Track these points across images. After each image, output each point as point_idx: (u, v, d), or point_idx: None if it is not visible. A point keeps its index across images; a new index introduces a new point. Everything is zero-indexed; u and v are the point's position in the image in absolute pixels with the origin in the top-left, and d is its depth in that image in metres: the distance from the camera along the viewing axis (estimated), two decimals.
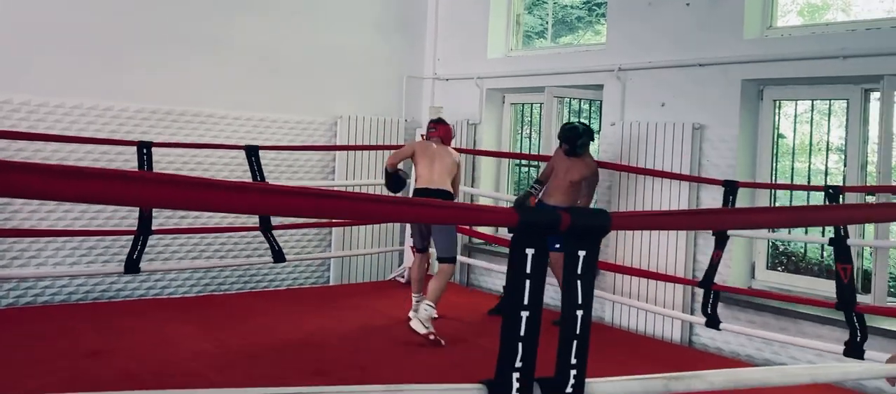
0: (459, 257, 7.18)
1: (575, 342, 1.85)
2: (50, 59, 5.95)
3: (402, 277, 7.18)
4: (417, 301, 5.72)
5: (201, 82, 6.62)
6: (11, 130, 5.66)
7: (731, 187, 5.26)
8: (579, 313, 1.88)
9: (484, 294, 7.04)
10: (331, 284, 7.30)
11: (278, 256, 6.21)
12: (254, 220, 6.17)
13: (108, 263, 6.14)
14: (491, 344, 5.31)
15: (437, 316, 5.36)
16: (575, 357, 1.88)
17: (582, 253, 1.91)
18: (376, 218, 1.85)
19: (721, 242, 5.18)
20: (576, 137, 5.66)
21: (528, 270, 1.82)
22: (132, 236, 5.60)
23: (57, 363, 4.46)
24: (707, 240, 5.46)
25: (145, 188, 1.50)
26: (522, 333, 1.78)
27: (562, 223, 1.86)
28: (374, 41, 7.65)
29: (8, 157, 5.78)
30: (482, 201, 7.46)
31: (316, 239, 7.28)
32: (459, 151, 7.29)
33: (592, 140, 5.81)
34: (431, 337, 5.16)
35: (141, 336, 5.10)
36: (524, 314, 1.79)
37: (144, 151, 5.67)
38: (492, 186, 7.49)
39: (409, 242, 7.04)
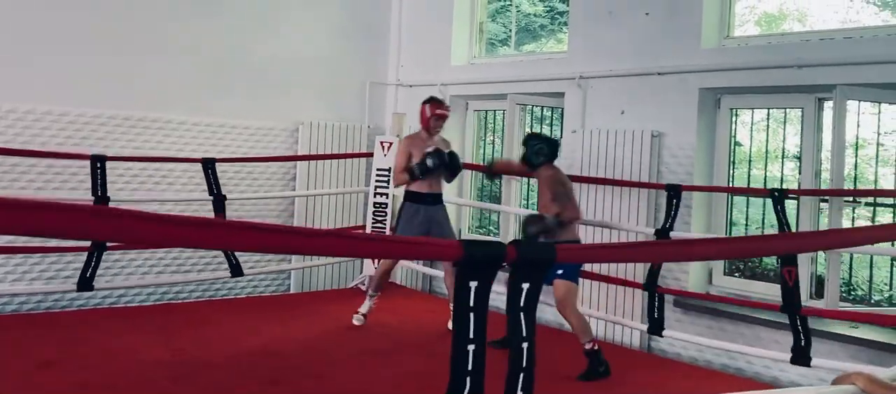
0: (421, 266, 7.17)
1: (522, 375, 1.86)
2: (4, 63, 5.82)
3: (363, 283, 7.14)
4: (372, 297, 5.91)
5: (159, 87, 6.53)
6: None
7: (674, 191, 5.33)
8: (524, 345, 1.88)
9: (445, 301, 7.02)
10: (292, 291, 7.25)
11: (236, 269, 6.15)
12: None
13: (63, 272, 6.03)
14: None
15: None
16: (522, 390, 1.88)
17: (526, 285, 1.91)
18: (330, 253, 1.83)
19: None
20: (526, 149, 5.23)
21: (472, 303, 1.82)
22: (86, 253, 5.51)
23: (8, 374, 4.37)
24: None
25: (101, 223, 1.47)
26: (470, 367, 1.78)
27: (507, 256, 1.86)
28: (337, 47, 7.61)
29: None
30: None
31: None
32: None
33: (545, 149, 5.15)
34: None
35: (95, 346, 5.02)
36: (470, 348, 1.79)
37: (98, 164, 5.59)
38: (455, 193, 7.48)
39: None
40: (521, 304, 1.89)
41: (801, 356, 4.48)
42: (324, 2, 7.55)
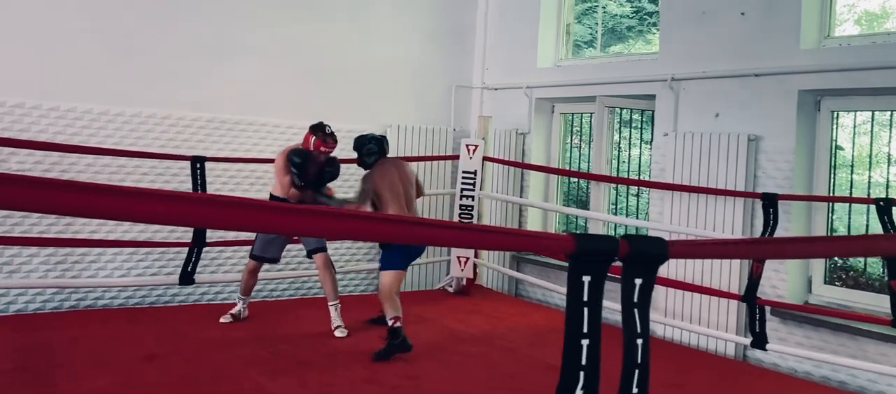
0: (507, 269, 7.18)
1: (636, 372, 1.85)
2: (114, 70, 6.12)
3: (451, 285, 7.19)
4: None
5: (254, 92, 6.74)
6: (80, 144, 5.82)
7: (770, 200, 5.17)
8: (639, 341, 1.87)
9: (533, 305, 7.02)
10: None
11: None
12: None
13: (165, 269, 6.28)
14: (542, 354, 5.31)
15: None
16: (636, 387, 1.87)
17: (639, 281, 1.90)
18: (426, 242, 1.87)
19: None
20: (359, 152, 5.44)
21: (586, 298, 1.82)
22: (187, 248, 5.75)
23: (116, 366, 4.59)
24: None
25: (200, 208, 1.55)
26: (584, 362, 1.78)
27: (619, 250, 1.86)
28: (424, 50, 7.70)
29: (68, 166, 5.97)
30: (531, 213, 7.45)
31: (365, 247, 7.35)
32: (508, 163, 7.31)
33: (375, 148, 5.40)
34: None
35: (196, 340, 5.21)
36: (585, 342, 1.79)
37: (198, 165, 5.83)
38: (541, 197, 7.46)
39: (456, 252, 7.06)
40: (635, 299, 1.88)
41: None
42: (412, 6, 7.65)
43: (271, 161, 6.54)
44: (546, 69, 7.43)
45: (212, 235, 5.98)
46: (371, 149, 5.38)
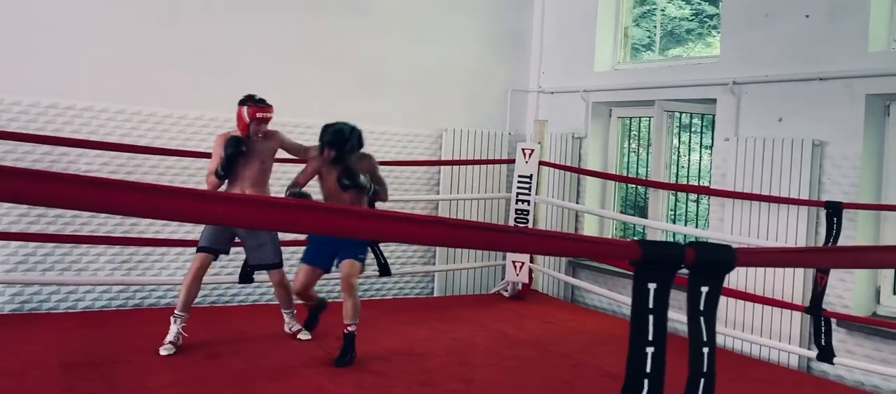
0: (562, 275, 7.13)
1: (702, 381, 1.82)
2: (179, 74, 6.28)
3: (506, 290, 7.18)
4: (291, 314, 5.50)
5: (313, 96, 6.83)
6: (146, 145, 5.99)
7: (834, 209, 5.02)
8: (705, 350, 1.84)
9: (589, 311, 6.96)
10: (435, 295, 7.38)
11: (384, 269, 6.32)
12: None
13: (225, 269, 6.40)
14: (598, 361, 5.26)
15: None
16: None
17: (705, 289, 1.87)
18: (495, 247, 1.87)
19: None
20: (344, 142, 5.01)
21: (651, 305, 1.80)
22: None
23: (178, 363, 4.70)
24: None
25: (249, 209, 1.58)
26: (648, 370, 1.76)
27: (686, 258, 1.84)
28: (480, 54, 7.71)
29: (134, 168, 6.14)
30: (587, 219, 7.39)
31: (421, 250, 7.38)
32: (564, 167, 7.25)
33: (362, 143, 5.12)
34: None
35: (255, 340, 5.30)
36: (650, 350, 1.77)
37: None
38: (598, 203, 7.40)
39: (512, 256, 7.04)
40: (701, 308, 1.85)
41: None
42: (468, 9, 7.67)
43: None
44: (603, 73, 7.37)
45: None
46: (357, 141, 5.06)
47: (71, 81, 5.94)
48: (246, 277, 5.83)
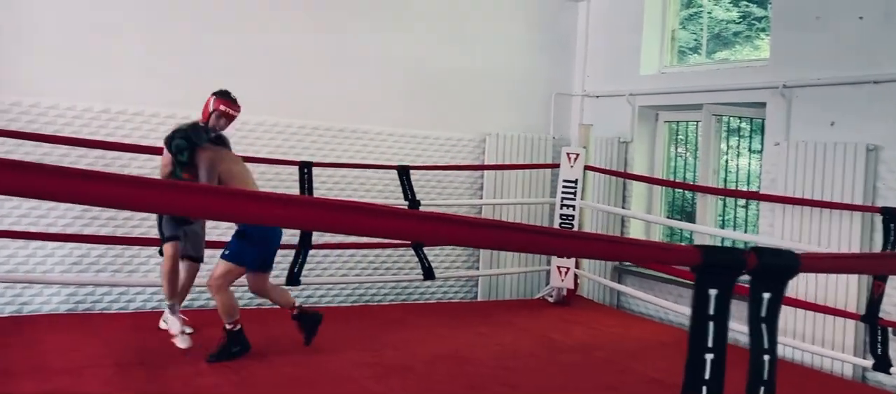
0: (608, 281, 7.07)
1: (763, 389, 1.79)
2: (226, 79, 6.36)
3: (551, 295, 7.14)
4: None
5: (357, 100, 6.89)
6: None
7: (891, 215, 4.89)
8: (766, 357, 1.81)
9: (634, 317, 6.89)
10: (479, 299, 7.38)
11: (428, 273, 6.38)
12: None
13: (272, 271, 6.48)
14: (644, 367, 5.19)
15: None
16: None
17: (767, 295, 1.85)
18: (556, 251, 1.86)
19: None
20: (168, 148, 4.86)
21: (712, 312, 1.78)
22: (294, 251, 5.93)
23: (227, 364, 4.76)
24: None
25: (309, 211, 1.59)
26: (707, 376, 1.74)
27: (748, 263, 1.81)
28: (523, 58, 7.70)
29: None
30: (633, 224, 7.32)
31: (464, 254, 7.39)
32: (610, 172, 7.20)
33: (184, 144, 4.81)
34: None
35: (302, 342, 5.34)
36: (709, 357, 1.75)
37: (305, 170, 6.02)
38: (644, 208, 7.32)
39: (557, 261, 7.01)
40: (763, 314, 1.82)
41: None
42: (511, 14, 7.67)
43: (374, 167, 6.69)
44: (650, 76, 7.30)
45: (317, 238, 6.15)
46: (180, 145, 4.78)
47: (120, 87, 6.07)
48: (293, 279, 5.90)
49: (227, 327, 4.83)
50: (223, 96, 5.20)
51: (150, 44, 6.15)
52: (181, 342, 4.95)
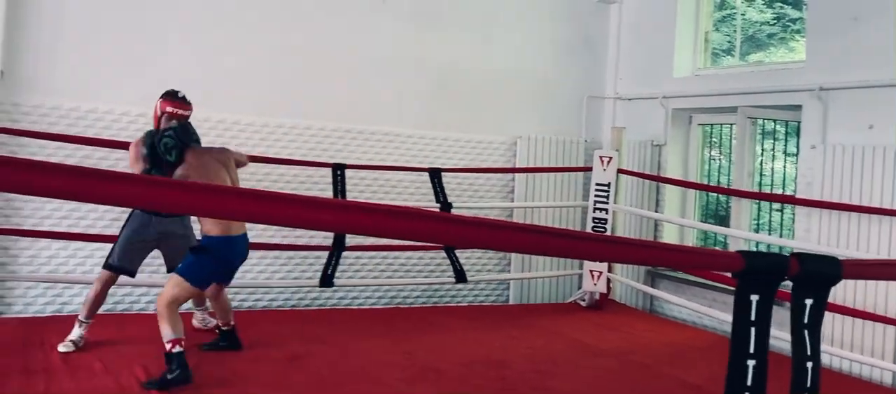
0: (641, 285, 7.02)
1: None
2: (260, 82, 6.45)
3: (584, 299, 7.11)
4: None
5: (387, 103, 6.93)
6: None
7: None
8: (809, 364, 1.80)
9: (668, 322, 6.84)
10: (510, 303, 7.37)
11: (460, 276, 6.39)
12: None
13: (306, 273, 6.54)
14: (679, 373, 5.15)
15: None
16: None
17: (809, 301, 1.83)
18: (592, 256, 1.86)
19: None
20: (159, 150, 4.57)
21: (754, 318, 1.77)
22: (327, 252, 5.98)
23: (263, 366, 4.81)
24: None
25: (338, 214, 1.61)
26: (749, 383, 1.73)
27: (790, 269, 1.80)
28: (554, 60, 7.68)
29: None
30: (667, 228, 7.27)
31: (495, 258, 7.39)
32: (643, 176, 7.16)
33: (170, 142, 4.53)
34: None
35: (335, 344, 5.39)
36: (751, 363, 1.74)
37: (338, 172, 6.07)
38: (677, 212, 7.26)
39: (589, 265, 6.97)
40: (805, 321, 1.81)
41: None
42: (542, 16, 7.65)
43: (405, 169, 6.72)
44: (683, 79, 7.24)
45: (350, 239, 6.19)
46: (168, 143, 4.52)
47: (156, 92, 6.16)
48: (327, 281, 5.95)
49: (167, 348, 4.30)
50: (171, 97, 4.95)
51: (184, 48, 6.24)
52: (63, 347, 4.77)
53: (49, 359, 4.64)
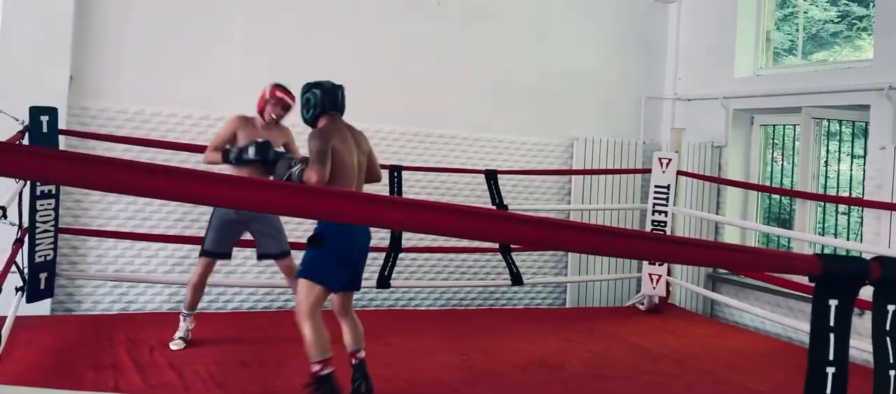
0: (701, 289, 6.90)
1: None
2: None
3: (642, 303, 7.01)
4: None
5: (444, 104, 6.95)
6: None
7: None
8: (892, 373, 1.74)
9: (729, 327, 6.70)
10: (567, 306, 7.32)
11: (516, 279, 6.37)
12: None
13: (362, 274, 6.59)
14: (742, 379, 5.04)
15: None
16: None
17: (892, 307, 1.77)
18: (669, 259, 1.83)
19: None
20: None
21: (832, 323, 1.72)
22: (384, 254, 6.02)
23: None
24: None
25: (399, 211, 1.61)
26: (828, 391, 1.69)
27: (871, 274, 1.74)
28: (611, 61, 7.60)
29: None
30: (728, 231, 7.13)
31: (552, 261, 7.34)
32: (703, 178, 7.03)
33: (313, 99, 4.23)
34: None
35: (394, 344, 5.41)
36: (830, 371, 1.69)
37: (395, 174, 6.12)
38: (739, 214, 7.12)
39: (648, 269, 6.87)
40: (888, 327, 1.75)
41: None
42: (599, 16, 7.58)
43: (462, 171, 6.72)
44: (744, 79, 7.09)
45: (406, 241, 6.22)
46: (310, 99, 4.13)
47: (217, 94, 6.29)
48: (383, 282, 5.99)
49: (315, 368, 3.93)
50: (278, 85, 5.03)
51: (243, 52, 6.36)
52: (174, 345, 4.93)
53: (116, 355, 4.76)
